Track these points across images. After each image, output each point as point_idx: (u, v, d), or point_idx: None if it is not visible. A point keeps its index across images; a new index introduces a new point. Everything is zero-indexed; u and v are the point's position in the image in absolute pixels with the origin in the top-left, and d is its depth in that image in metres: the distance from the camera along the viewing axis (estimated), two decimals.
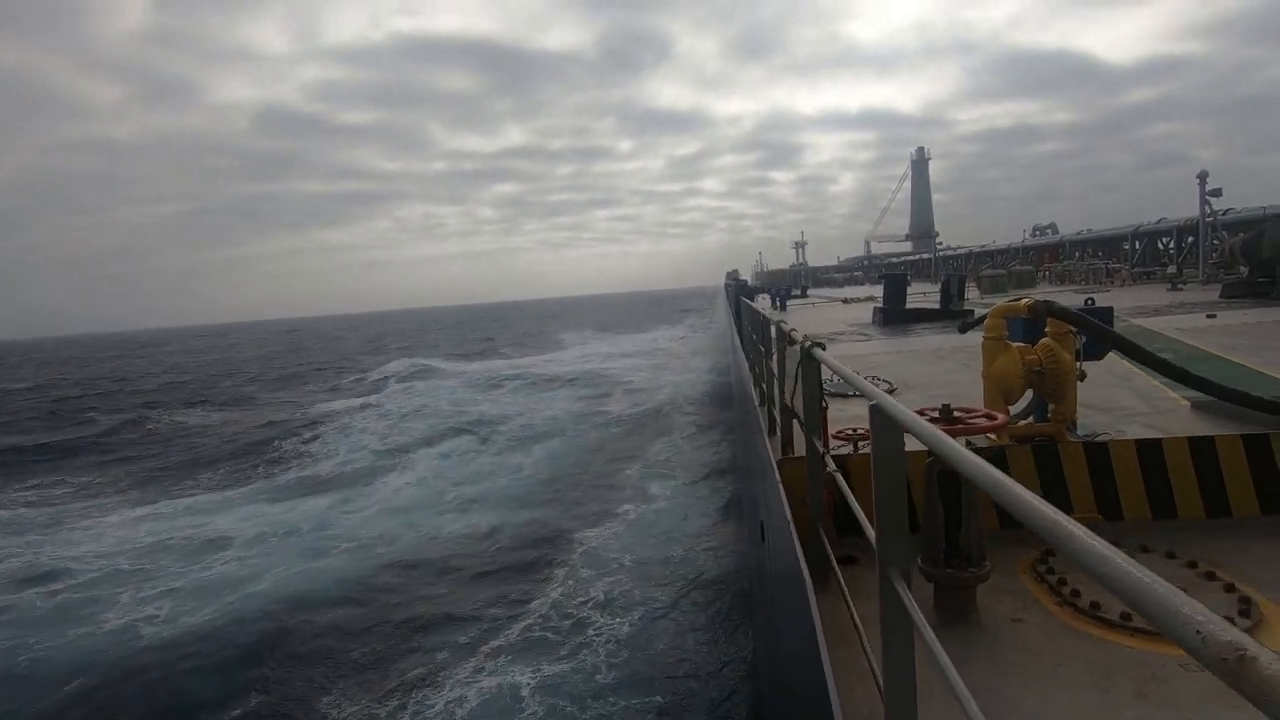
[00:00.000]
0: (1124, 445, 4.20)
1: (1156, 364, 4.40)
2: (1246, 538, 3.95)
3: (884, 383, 9.71)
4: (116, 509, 18.49)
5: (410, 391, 35.90)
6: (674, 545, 13.13)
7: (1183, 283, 25.66)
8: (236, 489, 19.79)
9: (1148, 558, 3.65)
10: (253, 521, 16.01)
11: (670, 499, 16.09)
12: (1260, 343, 10.69)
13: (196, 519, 16.72)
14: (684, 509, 15.23)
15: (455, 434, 24.15)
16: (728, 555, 12.35)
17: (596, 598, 11.21)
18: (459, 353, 62.65)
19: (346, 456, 22.44)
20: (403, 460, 21.30)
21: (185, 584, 12.59)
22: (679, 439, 22.15)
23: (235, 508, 17.58)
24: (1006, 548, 4.02)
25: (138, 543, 15.08)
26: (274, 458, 23.52)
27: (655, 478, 18.01)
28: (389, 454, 22.09)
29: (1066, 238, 47.56)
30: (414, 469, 20.16)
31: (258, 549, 14.11)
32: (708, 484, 16.91)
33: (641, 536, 13.77)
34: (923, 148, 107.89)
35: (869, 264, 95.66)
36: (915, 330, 17.61)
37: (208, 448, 26.21)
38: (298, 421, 29.43)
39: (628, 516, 15.03)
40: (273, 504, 17.70)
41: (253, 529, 15.33)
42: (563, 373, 39.82)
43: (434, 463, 20.64)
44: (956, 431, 3.15)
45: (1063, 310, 4.41)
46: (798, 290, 54.69)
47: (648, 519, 14.81)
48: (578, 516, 15.18)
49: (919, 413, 3.48)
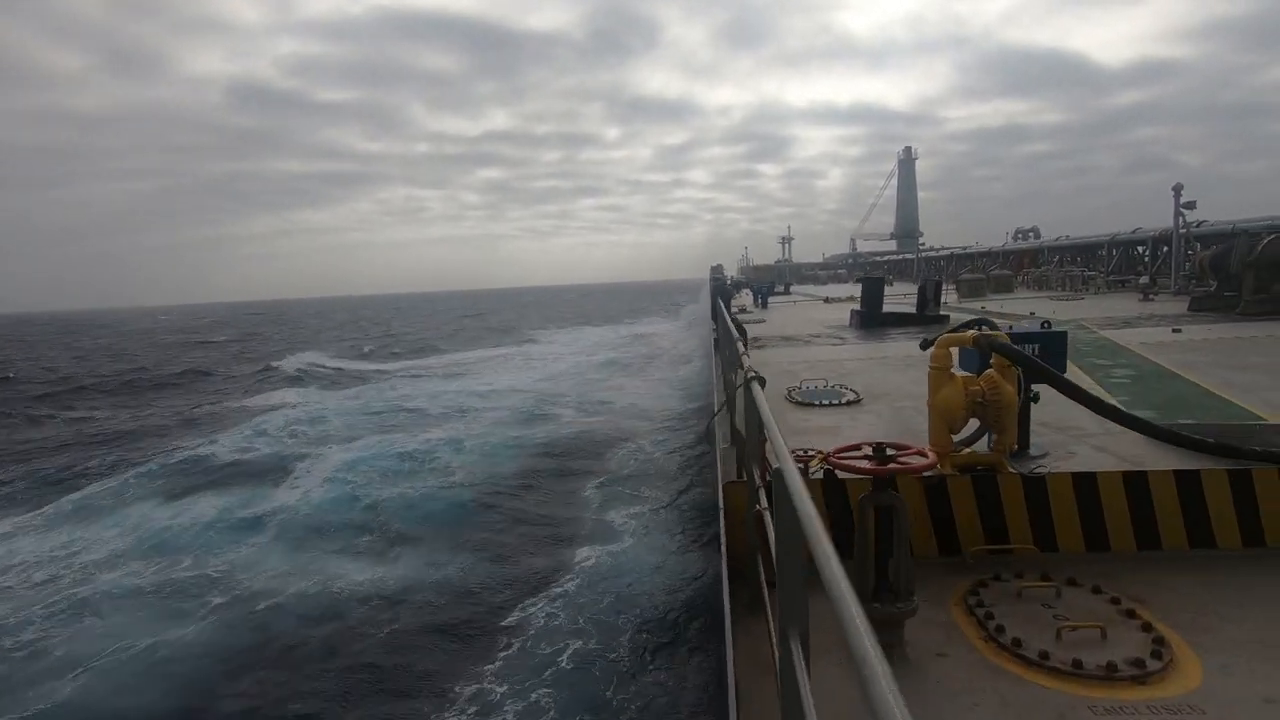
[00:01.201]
0: (1060, 478, 4.29)
1: (1089, 403, 4.49)
2: (1175, 572, 4.05)
3: (850, 391, 9.81)
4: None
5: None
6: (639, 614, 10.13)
7: (1155, 293, 26.08)
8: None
9: (1074, 591, 3.74)
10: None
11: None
12: (1219, 360, 10.91)
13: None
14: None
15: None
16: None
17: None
18: (390, 351, 56.25)
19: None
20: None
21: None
22: (647, 444, 20.35)
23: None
24: (943, 576, 4.10)
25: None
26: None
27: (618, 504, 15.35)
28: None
29: (1045, 243, 48.13)
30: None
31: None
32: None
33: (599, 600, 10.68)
34: (910, 147, 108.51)
35: (854, 262, 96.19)
36: (890, 334, 17.78)
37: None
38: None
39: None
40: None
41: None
42: (485, 393, 31.35)
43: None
44: (888, 471, 3.20)
45: (1003, 347, 4.48)
46: (781, 287, 54.99)
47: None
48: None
49: (855, 447, 3.53)
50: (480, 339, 66.62)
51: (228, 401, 32.56)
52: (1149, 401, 8.39)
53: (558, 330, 74.70)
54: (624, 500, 15.90)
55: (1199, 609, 3.60)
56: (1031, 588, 3.74)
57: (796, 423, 8.45)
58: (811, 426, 8.19)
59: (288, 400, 31.52)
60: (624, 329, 70.23)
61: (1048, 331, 6.29)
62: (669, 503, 15.24)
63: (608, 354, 46.59)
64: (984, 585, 3.85)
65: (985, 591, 3.78)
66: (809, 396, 9.68)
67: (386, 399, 30.76)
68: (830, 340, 17.45)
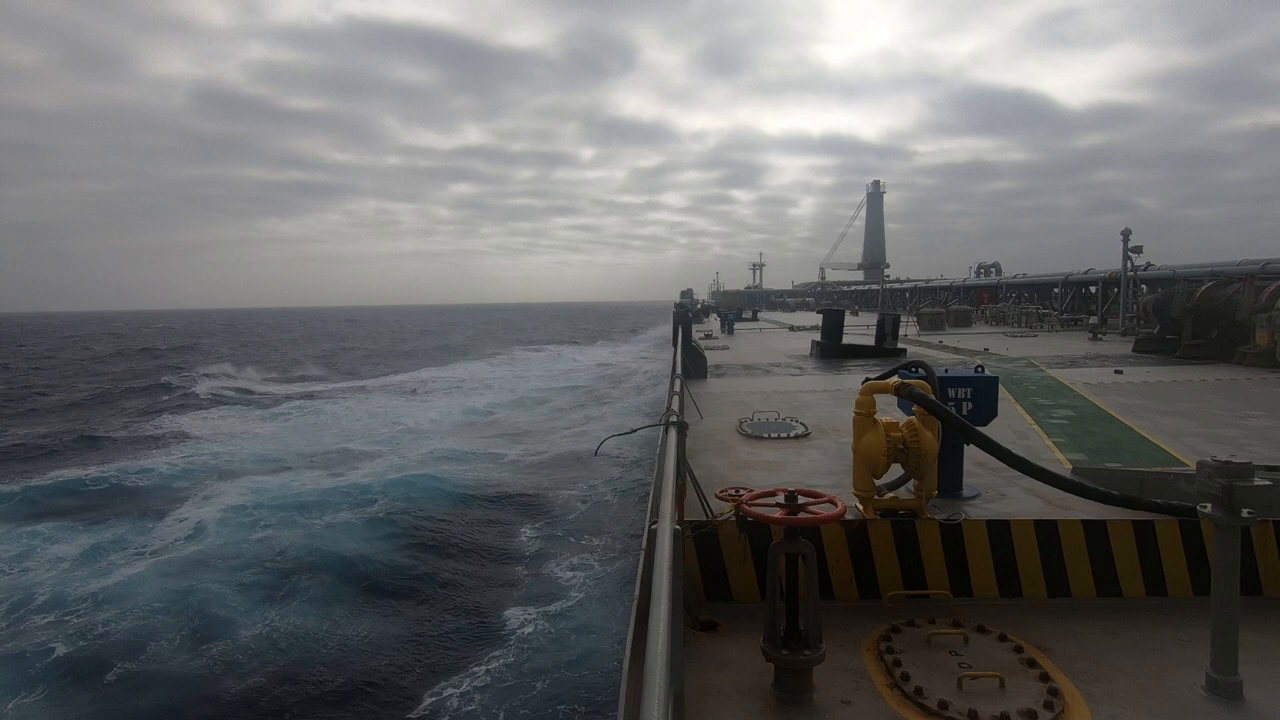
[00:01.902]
0: (976, 525, 4.42)
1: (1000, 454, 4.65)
2: (1082, 619, 4.19)
3: (800, 425, 9.97)
4: None
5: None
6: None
7: (1104, 333, 27.03)
8: None
9: (982, 639, 3.85)
10: None
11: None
12: (1153, 404, 11.33)
13: None
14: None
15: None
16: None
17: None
18: (331, 367, 54.23)
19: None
20: None
21: None
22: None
23: None
24: (860, 620, 4.19)
25: None
26: None
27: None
28: None
29: (1004, 280, 49.62)
30: None
31: None
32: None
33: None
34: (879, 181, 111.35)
35: (822, 290, 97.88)
36: (848, 367, 18.10)
37: None
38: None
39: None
40: None
41: None
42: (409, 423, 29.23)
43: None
44: (798, 522, 3.28)
45: (920, 397, 4.63)
46: (749, 313, 55.71)
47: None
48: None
49: (770, 494, 3.61)
50: (432, 358, 63.15)
51: (119, 426, 30.08)
52: (1083, 445, 8.68)
53: (523, 350, 72.80)
54: (568, 549, 14.20)
55: (1097, 658, 3.72)
56: (941, 634, 3.84)
57: (744, 456, 8.54)
58: (758, 460, 8.29)
59: (189, 428, 29.10)
60: (587, 352, 67.78)
61: (980, 376, 6.48)
62: (621, 550, 13.64)
63: (566, 381, 44.07)
64: (897, 631, 3.93)
65: (897, 637, 3.87)
66: (759, 429, 9.81)
67: (304, 425, 28.55)
68: (789, 370, 17.70)
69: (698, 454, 8.56)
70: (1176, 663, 3.64)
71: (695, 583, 4.34)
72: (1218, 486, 3.18)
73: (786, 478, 7.35)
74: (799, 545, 3.27)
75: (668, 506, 2.33)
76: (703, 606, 4.31)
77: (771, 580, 3.31)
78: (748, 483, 6.92)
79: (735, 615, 4.24)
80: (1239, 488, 3.14)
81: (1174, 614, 4.22)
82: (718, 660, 3.77)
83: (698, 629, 4.05)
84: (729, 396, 13.25)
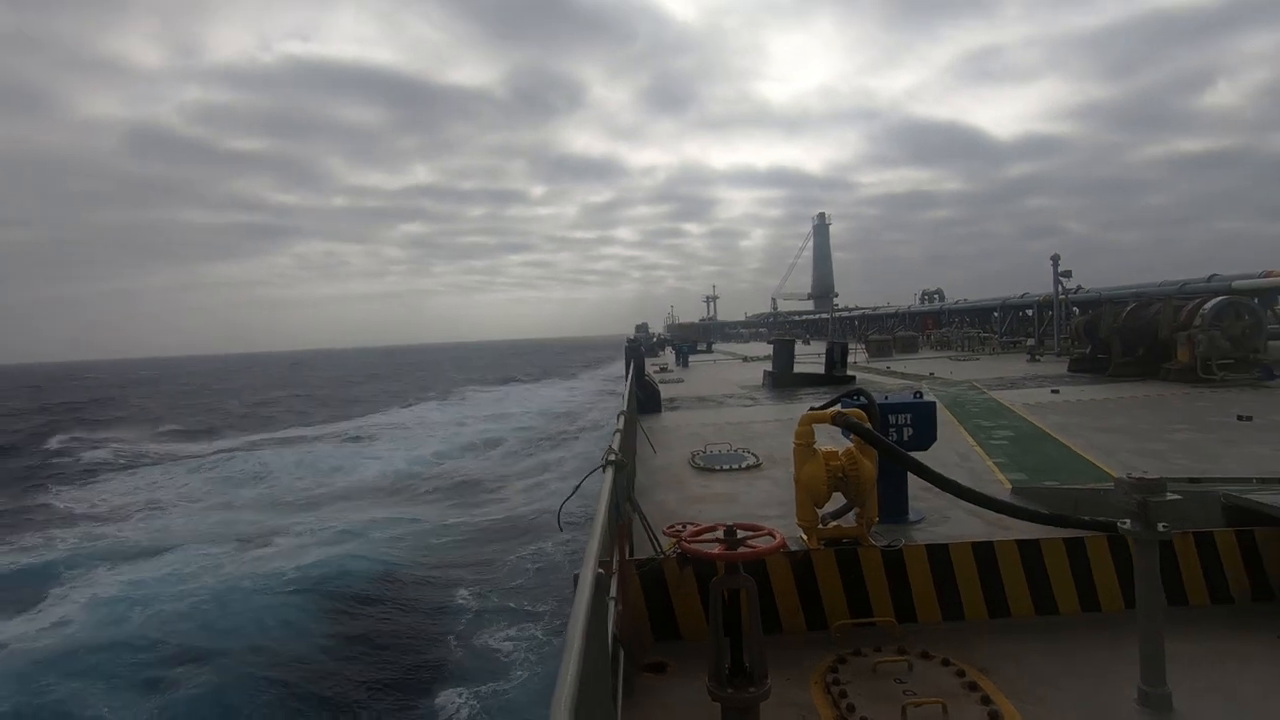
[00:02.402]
0: (916, 550, 4.49)
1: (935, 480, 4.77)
2: (1022, 639, 4.27)
3: (752, 456, 10.04)
4: None
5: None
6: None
7: (1041, 354, 28.16)
8: None
9: (926, 665, 3.88)
10: None
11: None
12: (1087, 422, 11.79)
13: None
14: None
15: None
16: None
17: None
18: (257, 417, 50.27)
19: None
20: None
21: None
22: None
23: None
24: (808, 652, 4.18)
25: None
26: None
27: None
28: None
29: (947, 306, 51.41)
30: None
31: None
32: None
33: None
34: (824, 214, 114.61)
35: (774, 321, 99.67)
36: (800, 395, 18.37)
37: None
38: None
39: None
40: None
41: None
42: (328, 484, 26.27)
43: None
44: (737, 557, 3.28)
45: (856, 426, 4.74)
46: (703, 345, 56.36)
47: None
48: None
49: (711, 528, 3.61)
50: (369, 403, 57.85)
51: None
52: (1023, 464, 8.95)
53: (468, 390, 67.87)
54: (509, 618, 12.40)
55: (1036, 677, 3.79)
56: (886, 663, 3.86)
57: (696, 490, 8.55)
58: (709, 494, 8.30)
59: (74, 500, 25.70)
60: (537, 391, 62.85)
61: (919, 402, 6.66)
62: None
63: (518, 423, 40.35)
64: (844, 661, 3.94)
65: (844, 668, 3.87)
66: (711, 461, 9.84)
67: (218, 485, 25.48)
68: (742, 401, 17.89)
69: (650, 490, 8.52)
70: (1110, 677, 3.73)
71: (642, 623, 4.28)
72: (1134, 503, 3.30)
73: (737, 510, 7.36)
74: (739, 580, 3.27)
75: (592, 549, 2.31)
76: (651, 647, 4.25)
77: (714, 617, 3.28)
78: (699, 517, 6.91)
79: (684, 654, 4.19)
80: (1153, 503, 3.27)
81: (1107, 628, 4.33)
82: (664, 703, 3.70)
83: (644, 671, 3.99)
84: (683, 429, 13.30)
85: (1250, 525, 4.82)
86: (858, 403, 6.07)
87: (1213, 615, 4.50)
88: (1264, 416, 11.32)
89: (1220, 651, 4.00)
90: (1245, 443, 9.42)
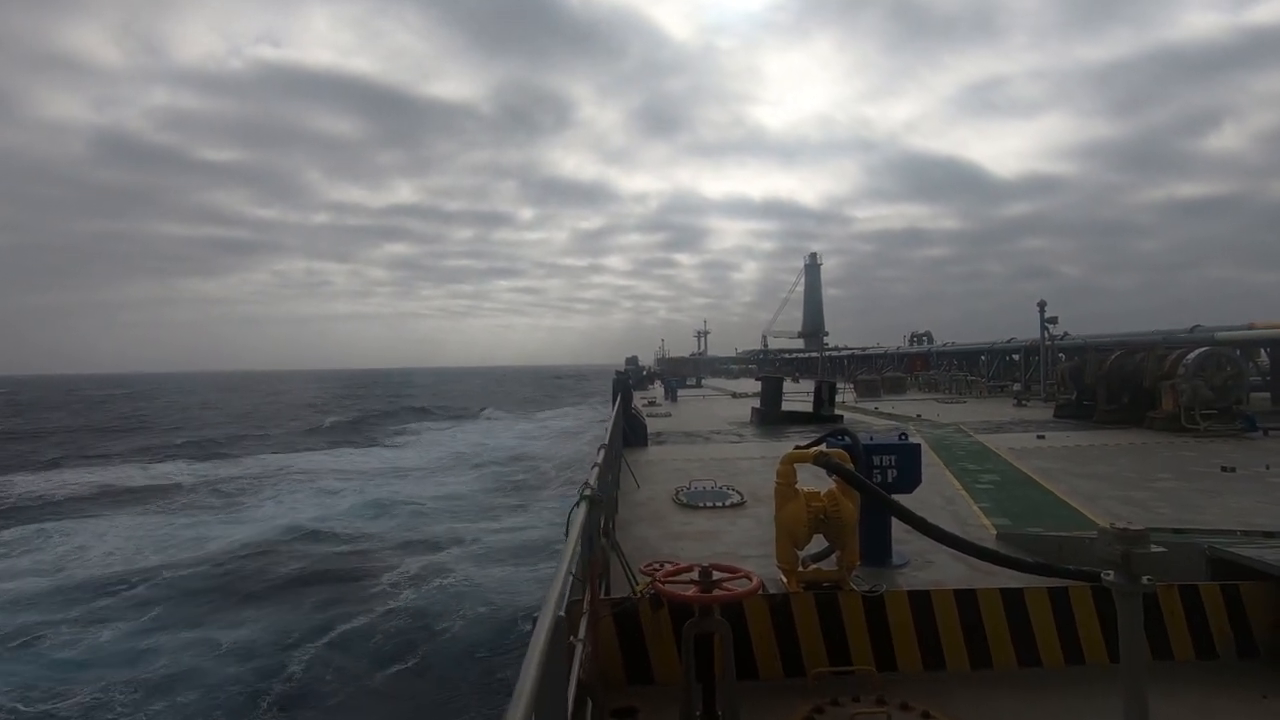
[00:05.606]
0: (897, 596, 4.40)
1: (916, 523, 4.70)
2: (1004, 691, 4.16)
3: (736, 493, 9.93)
4: None
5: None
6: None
7: (1027, 399, 28.28)
8: None
9: (905, 717, 3.76)
10: None
11: None
12: (1071, 468, 11.78)
13: None
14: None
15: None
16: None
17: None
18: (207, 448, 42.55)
19: None
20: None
21: None
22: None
23: None
24: (784, 700, 4.05)
25: None
26: None
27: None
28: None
29: (934, 348, 51.83)
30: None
31: None
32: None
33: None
34: (815, 253, 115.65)
35: (764, 357, 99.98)
36: (787, 433, 18.31)
37: None
38: None
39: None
40: None
41: None
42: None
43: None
44: (712, 599, 3.18)
45: (837, 467, 4.68)
46: (693, 380, 56.39)
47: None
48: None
49: (687, 569, 3.51)
50: (276, 441, 47.15)
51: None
52: (1007, 510, 8.89)
53: (443, 421, 60.66)
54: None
55: None
56: (865, 714, 3.74)
57: (677, 526, 8.42)
58: (690, 531, 8.17)
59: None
60: (516, 427, 55.30)
61: (903, 444, 6.61)
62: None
63: (490, 471, 32.22)
64: (821, 711, 3.81)
65: (821, 718, 3.74)
66: (695, 498, 9.72)
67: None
68: (729, 437, 17.80)
69: (631, 525, 8.39)
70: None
71: (614, 666, 4.14)
72: (1117, 554, 3.24)
73: (719, 548, 7.24)
74: (714, 624, 3.17)
75: (554, 591, 2.22)
76: (622, 691, 4.10)
77: (686, 661, 3.17)
78: (679, 554, 6.78)
79: (657, 700, 4.04)
80: (1137, 554, 3.21)
81: (1090, 682, 4.23)
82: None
83: (614, 716, 3.84)
84: (668, 464, 13.18)
85: (1235, 579, 4.76)
86: (841, 443, 6.01)
87: (1197, 670, 4.41)
88: (1247, 468, 11.34)
89: (1204, 709, 3.91)
90: (1228, 494, 9.41)
